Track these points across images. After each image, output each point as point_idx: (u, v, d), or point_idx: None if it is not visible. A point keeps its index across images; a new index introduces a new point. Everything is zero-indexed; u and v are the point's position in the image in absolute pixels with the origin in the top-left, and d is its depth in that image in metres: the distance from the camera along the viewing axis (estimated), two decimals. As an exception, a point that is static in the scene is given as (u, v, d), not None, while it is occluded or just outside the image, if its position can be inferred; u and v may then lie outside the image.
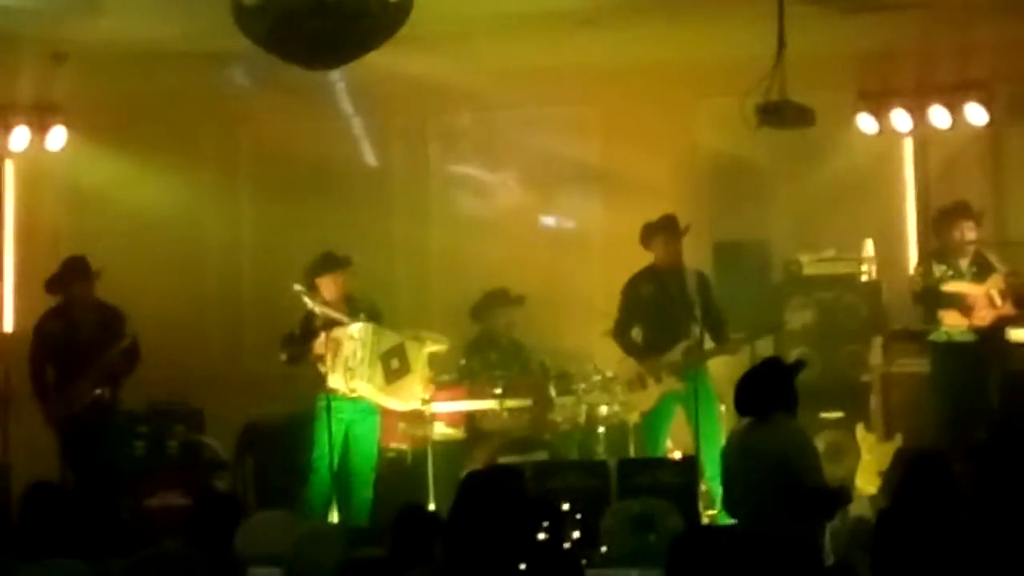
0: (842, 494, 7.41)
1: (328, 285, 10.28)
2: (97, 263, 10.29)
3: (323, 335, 10.09)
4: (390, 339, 10.20)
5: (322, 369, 10.15)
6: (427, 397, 10.29)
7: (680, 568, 5.86)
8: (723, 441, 10.21)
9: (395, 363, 10.15)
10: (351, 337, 10.10)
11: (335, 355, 10.07)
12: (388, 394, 10.20)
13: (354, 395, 10.09)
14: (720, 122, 11.22)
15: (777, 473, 6.96)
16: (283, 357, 10.29)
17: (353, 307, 10.26)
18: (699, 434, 9.98)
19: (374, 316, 10.29)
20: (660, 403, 10.28)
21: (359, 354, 10.07)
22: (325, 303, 10.18)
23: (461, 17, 10.41)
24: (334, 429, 10.04)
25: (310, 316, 10.22)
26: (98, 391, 10.16)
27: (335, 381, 10.07)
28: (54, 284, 10.32)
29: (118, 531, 9.62)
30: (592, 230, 12.45)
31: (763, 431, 7.17)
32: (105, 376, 10.19)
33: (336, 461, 10.11)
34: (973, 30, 11.07)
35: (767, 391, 7.22)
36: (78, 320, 10.25)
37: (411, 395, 10.24)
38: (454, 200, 12.65)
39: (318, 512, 10.00)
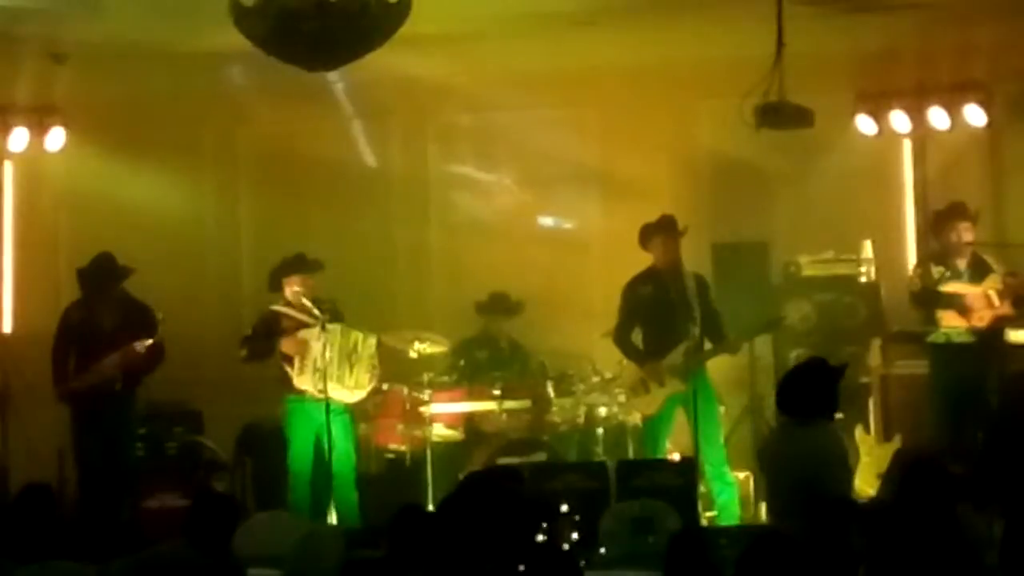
0: None
1: (295, 286, 10.31)
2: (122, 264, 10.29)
3: (293, 336, 10.12)
4: (353, 337, 10.25)
5: (289, 370, 10.18)
6: (374, 387, 10.36)
7: (678, 568, 5.86)
8: (723, 442, 10.30)
9: (354, 358, 10.22)
10: (318, 339, 10.12)
11: (303, 357, 10.11)
12: (349, 389, 10.24)
13: (322, 396, 10.10)
14: (719, 123, 11.21)
15: (807, 480, 6.83)
16: (242, 354, 10.36)
17: (320, 309, 10.28)
18: (699, 435, 9.98)
19: (336, 315, 10.32)
20: (663, 407, 10.28)
21: (328, 355, 10.12)
22: (288, 304, 10.21)
23: (461, 18, 10.41)
24: (306, 430, 10.13)
25: (273, 315, 10.27)
26: (104, 379, 10.14)
27: (303, 383, 10.13)
28: (81, 278, 10.31)
29: (118, 531, 9.62)
30: (591, 231, 12.46)
31: (802, 435, 7.02)
32: (123, 367, 10.18)
33: (312, 461, 10.15)
34: (972, 31, 11.08)
35: (811, 394, 7.07)
36: (101, 311, 10.25)
37: (357, 386, 10.27)
38: (453, 201, 12.65)
39: (304, 513, 10.02)
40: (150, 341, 10.12)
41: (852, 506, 6.83)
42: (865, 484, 10.43)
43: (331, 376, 10.13)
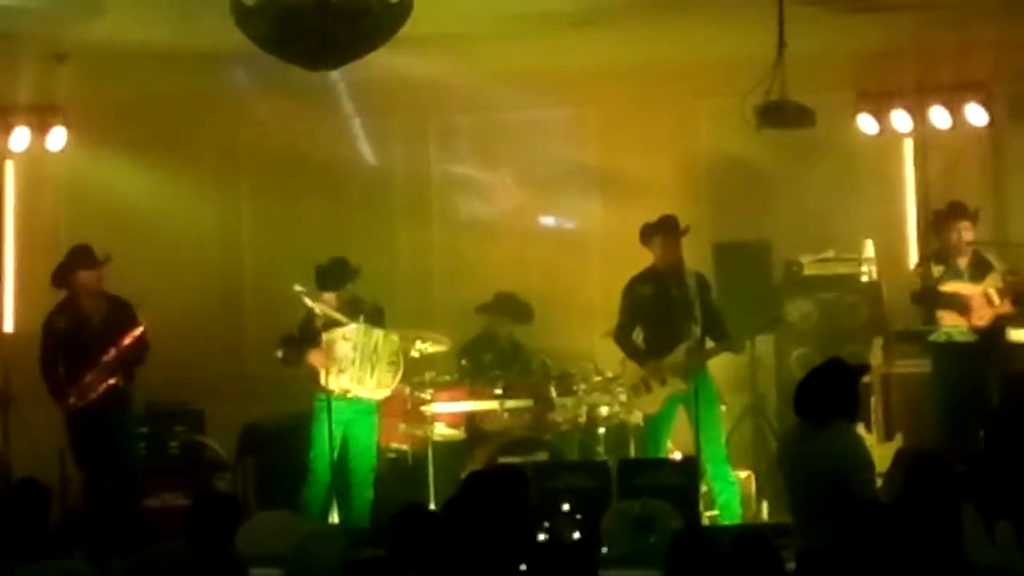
0: None
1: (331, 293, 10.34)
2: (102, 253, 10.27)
3: (319, 348, 10.15)
4: (376, 336, 10.25)
5: (319, 369, 10.20)
6: (393, 386, 10.34)
7: (679, 567, 5.86)
8: (724, 441, 10.30)
9: (374, 358, 10.23)
10: (344, 338, 10.17)
11: (329, 356, 10.12)
12: (370, 389, 10.26)
13: (348, 396, 10.12)
14: (720, 122, 11.23)
15: (829, 483, 6.71)
16: (279, 355, 10.36)
17: (356, 308, 10.29)
18: (700, 434, 9.98)
19: (376, 316, 10.33)
20: (665, 406, 10.28)
21: (351, 355, 10.16)
22: (326, 303, 10.22)
23: (461, 18, 10.41)
24: (332, 430, 10.09)
25: (310, 317, 10.27)
26: (112, 380, 10.14)
27: (329, 382, 10.13)
28: (58, 275, 10.28)
29: (118, 531, 9.61)
30: (592, 231, 12.45)
31: (818, 437, 6.90)
32: (118, 365, 10.17)
33: (334, 461, 10.17)
34: (973, 30, 11.07)
35: (828, 395, 6.95)
36: (87, 312, 10.22)
37: (380, 385, 10.29)
38: (454, 201, 12.65)
39: (317, 512, 10.04)
40: (140, 330, 10.11)
41: (881, 507, 6.77)
42: (866, 483, 10.42)
43: (352, 377, 10.15)
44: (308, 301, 10.19)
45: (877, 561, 5.70)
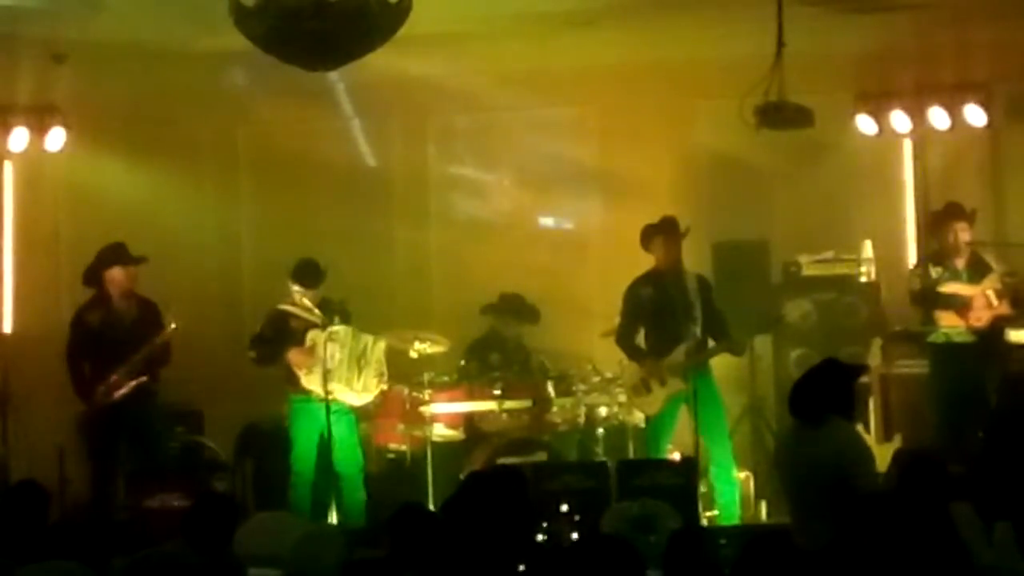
0: None
1: (304, 292, 10.33)
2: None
3: (300, 347, 10.14)
4: (365, 341, 10.27)
5: (297, 370, 10.19)
6: (381, 390, 10.39)
7: (678, 567, 5.86)
8: (729, 440, 10.30)
9: (362, 361, 10.23)
10: (330, 339, 10.15)
11: (312, 357, 10.14)
12: (356, 392, 10.26)
13: (329, 398, 10.11)
14: (719, 123, 11.21)
15: (829, 480, 6.74)
16: (251, 355, 10.35)
17: (327, 309, 10.29)
18: (704, 434, 9.99)
19: (346, 316, 10.34)
20: (666, 406, 10.28)
21: (337, 356, 10.16)
22: (296, 304, 10.26)
23: (461, 18, 10.41)
24: (311, 430, 10.14)
25: (283, 316, 10.26)
26: (143, 378, 10.15)
27: (311, 383, 10.13)
28: (90, 272, 10.27)
29: (118, 531, 9.61)
30: (591, 231, 12.47)
31: (816, 436, 6.93)
32: (145, 366, 10.18)
33: (315, 462, 10.18)
34: (972, 31, 11.08)
35: (822, 394, 6.99)
36: (119, 312, 10.23)
37: (365, 389, 10.29)
38: (453, 201, 12.66)
39: (306, 513, 10.04)
40: (173, 326, 10.12)
41: (885, 500, 6.76)
42: (865, 484, 10.42)
43: (339, 379, 10.15)
44: (306, 302, 10.20)
45: (882, 554, 5.70)
